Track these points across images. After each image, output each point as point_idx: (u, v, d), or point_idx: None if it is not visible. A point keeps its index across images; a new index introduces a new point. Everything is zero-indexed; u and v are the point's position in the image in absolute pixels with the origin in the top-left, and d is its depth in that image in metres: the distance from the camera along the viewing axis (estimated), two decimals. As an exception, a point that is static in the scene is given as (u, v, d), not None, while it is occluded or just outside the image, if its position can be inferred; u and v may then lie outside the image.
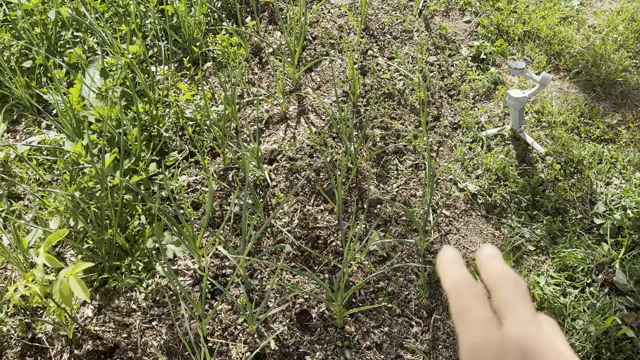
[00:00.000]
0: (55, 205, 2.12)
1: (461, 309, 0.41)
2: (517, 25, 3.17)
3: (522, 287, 0.41)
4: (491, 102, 2.80)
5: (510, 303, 0.40)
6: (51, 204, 2.11)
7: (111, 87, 2.34)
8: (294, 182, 2.39)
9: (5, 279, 2.01)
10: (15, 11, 2.74)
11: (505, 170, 2.43)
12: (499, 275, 0.42)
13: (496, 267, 0.43)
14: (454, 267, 0.44)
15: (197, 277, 2.09)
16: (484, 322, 0.39)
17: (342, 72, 2.93)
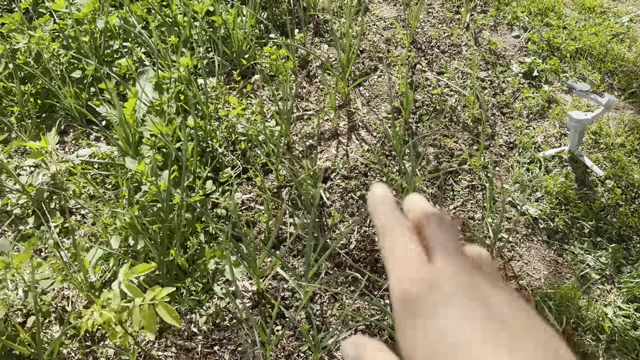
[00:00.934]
0: (110, 221, 2.08)
1: (390, 246, 0.39)
2: (568, 42, 3.11)
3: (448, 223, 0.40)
4: (546, 121, 2.74)
5: (437, 238, 0.39)
6: (108, 220, 2.07)
7: (166, 102, 2.30)
8: (349, 202, 2.34)
9: (63, 298, 1.97)
10: (64, 20, 2.71)
11: (566, 194, 2.37)
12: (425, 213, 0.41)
13: (422, 207, 0.42)
14: (384, 206, 0.42)
15: (256, 299, 2.04)
16: (413, 257, 0.37)
17: (391, 86, 2.87)
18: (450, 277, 0.34)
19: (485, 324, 0.31)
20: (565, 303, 2.02)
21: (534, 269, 2.19)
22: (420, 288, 0.35)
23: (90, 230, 2.18)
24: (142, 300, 1.45)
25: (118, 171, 2.28)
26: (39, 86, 2.65)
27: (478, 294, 0.33)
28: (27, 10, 2.95)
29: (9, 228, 2.23)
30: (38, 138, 2.55)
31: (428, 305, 0.33)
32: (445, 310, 0.32)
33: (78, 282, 1.83)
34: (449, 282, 0.34)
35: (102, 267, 2.03)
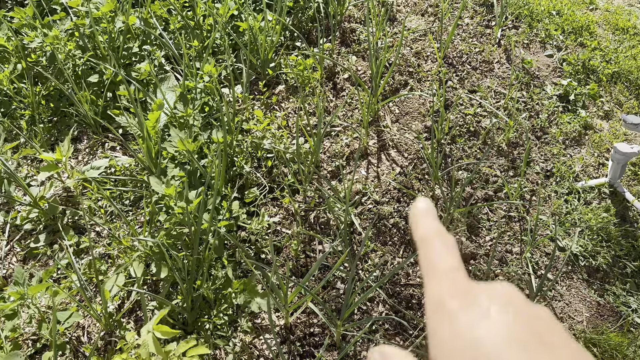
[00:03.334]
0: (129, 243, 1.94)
1: (429, 259, 0.40)
2: (603, 65, 2.99)
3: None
4: (583, 148, 2.62)
5: None
6: (127, 243, 1.92)
7: (191, 115, 2.15)
8: (381, 229, 2.21)
9: (78, 327, 1.82)
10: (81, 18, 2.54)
11: (608, 230, 2.25)
12: None
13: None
14: (425, 218, 0.43)
15: (283, 334, 1.91)
16: (452, 270, 0.38)
17: (421, 104, 2.74)
18: (488, 292, 0.36)
19: (520, 337, 0.32)
20: (612, 351, 1.91)
21: (575, 311, 2.07)
22: (457, 300, 0.35)
23: (106, 250, 2.03)
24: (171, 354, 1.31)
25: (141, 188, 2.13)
26: (51, 88, 2.48)
27: (514, 309, 0.34)
28: (39, 4, 2.78)
29: (19, 244, 2.07)
30: (50, 144, 2.39)
31: (464, 317, 0.34)
32: (481, 324, 0.33)
33: (97, 314, 1.68)
34: (486, 296, 0.35)
35: (121, 293, 1.89)
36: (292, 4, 3.02)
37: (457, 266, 0.39)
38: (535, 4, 3.37)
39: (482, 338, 0.32)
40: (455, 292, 0.36)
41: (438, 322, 0.35)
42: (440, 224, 0.43)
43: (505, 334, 0.32)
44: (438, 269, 0.39)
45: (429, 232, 0.42)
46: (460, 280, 0.38)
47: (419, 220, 0.43)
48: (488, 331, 0.33)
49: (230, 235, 1.77)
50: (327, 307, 1.84)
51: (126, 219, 1.84)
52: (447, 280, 0.38)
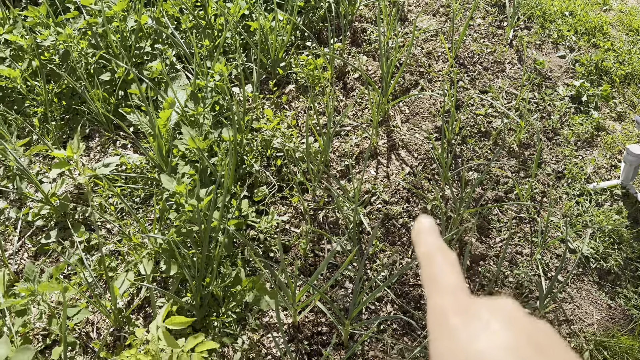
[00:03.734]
0: (139, 240, 1.95)
1: (431, 274, 0.41)
2: (617, 66, 2.96)
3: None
4: (595, 150, 2.60)
5: None
6: (137, 240, 1.93)
7: (202, 113, 2.16)
8: (390, 229, 2.20)
9: (87, 323, 1.83)
10: (94, 17, 2.56)
11: (619, 232, 2.23)
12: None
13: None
14: (428, 235, 0.45)
15: (291, 333, 1.91)
16: (454, 286, 0.39)
17: (432, 104, 2.73)
18: (489, 307, 0.36)
19: (520, 350, 0.32)
20: (622, 354, 1.89)
21: (585, 313, 2.05)
22: (460, 316, 0.36)
23: (116, 247, 2.04)
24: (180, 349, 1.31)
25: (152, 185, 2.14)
26: (64, 86, 2.50)
27: (515, 323, 0.35)
28: (52, 3, 2.80)
29: (30, 241, 2.09)
30: (62, 141, 2.41)
31: (465, 332, 0.35)
32: (482, 337, 0.34)
33: (106, 310, 1.70)
34: (487, 311, 0.36)
35: (131, 290, 1.90)
36: (303, 4, 3.02)
37: (459, 283, 0.40)
38: (548, 5, 3.34)
39: (482, 351, 0.33)
40: (457, 308, 0.37)
41: (440, 335, 0.36)
42: (442, 241, 0.44)
43: (505, 346, 0.33)
44: (440, 286, 0.40)
45: (432, 249, 0.43)
46: (462, 296, 0.39)
47: (422, 237, 0.45)
48: (488, 344, 0.33)
49: (239, 234, 1.77)
50: (335, 306, 1.84)
51: (136, 216, 1.85)
52: (449, 296, 0.39)
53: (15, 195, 2.23)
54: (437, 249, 0.43)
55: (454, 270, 0.41)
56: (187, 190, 1.80)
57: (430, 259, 0.43)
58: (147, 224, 2.08)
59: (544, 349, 0.33)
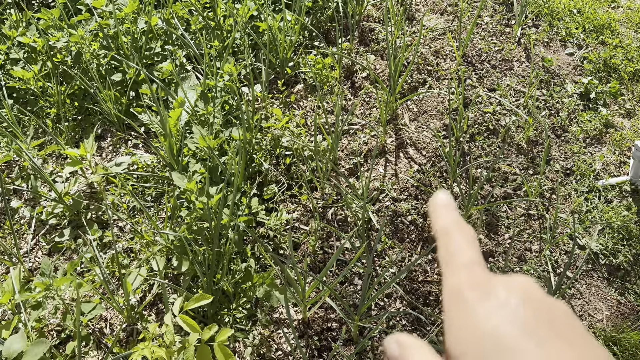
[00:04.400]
0: (151, 238, 1.98)
1: (449, 251, 0.40)
2: (625, 62, 2.95)
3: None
4: (604, 147, 2.59)
5: None
6: (149, 237, 1.96)
7: (212, 113, 2.18)
8: (399, 226, 2.22)
9: (101, 319, 1.86)
10: (105, 19, 2.60)
11: (629, 228, 2.23)
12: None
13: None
14: (445, 210, 0.44)
15: (301, 329, 1.93)
16: (472, 263, 0.38)
17: (440, 102, 2.74)
18: (506, 284, 0.36)
19: (537, 329, 0.32)
20: (633, 349, 1.89)
21: (595, 309, 2.06)
22: (475, 291, 0.36)
23: (128, 244, 2.08)
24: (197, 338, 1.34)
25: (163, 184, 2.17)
26: (76, 87, 2.55)
27: (532, 301, 0.34)
28: (64, 5, 2.85)
29: (44, 239, 2.13)
30: (74, 142, 2.45)
31: (482, 307, 0.34)
32: (499, 314, 0.33)
33: (119, 306, 1.72)
34: (504, 288, 0.35)
35: (143, 287, 1.93)
36: (311, 4, 3.04)
37: (476, 258, 0.39)
38: (556, 3, 3.34)
39: (499, 327, 0.33)
40: (473, 283, 0.37)
41: (456, 311, 0.36)
42: (460, 216, 0.43)
43: (522, 324, 0.32)
44: (457, 261, 0.39)
45: (449, 224, 0.42)
46: (479, 272, 0.38)
47: (439, 212, 0.44)
48: (505, 321, 0.33)
49: (249, 230, 1.79)
50: (345, 302, 1.86)
51: (148, 214, 1.88)
52: (465, 272, 0.38)
53: (29, 194, 2.27)
54: (454, 224, 0.42)
55: (470, 246, 0.40)
56: (198, 188, 1.82)
57: (447, 235, 0.41)
58: (159, 222, 2.11)
59: (560, 329, 0.33)
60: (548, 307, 0.34)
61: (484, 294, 0.35)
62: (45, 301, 1.62)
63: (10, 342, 1.45)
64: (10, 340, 1.47)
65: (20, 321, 1.69)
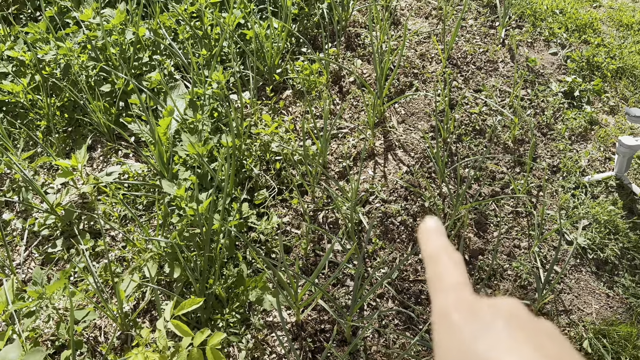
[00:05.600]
0: (143, 246, 1.99)
1: (436, 274, 0.42)
2: (608, 60, 3.01)
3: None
4: (589, 143, 2.63)
5: None
6: (141, 245, 1.98)
7: (201, 120, 2.21)
8: (389, 227, 2.24)
9: (95, 327, 1.87)
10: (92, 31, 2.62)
11: (615, 223, 2.26)
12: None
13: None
14: (434, 235, 0.46)
15: (295, 331, 1.94)
16: (459, 286, 0.40)
17: (427, 104, 2.77)
18: (492, 305, 0.37)
19: (522, 350, 0.33)
20: (621, 341, 1.92)
21: (584, 303, 2.08)
22: (463, 314, 0.37)
23: (121, 253, 2.09)
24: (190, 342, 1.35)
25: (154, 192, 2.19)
26: (66, 99, 2.56)
27: (519, 323, 0.35)
28: (52, 19, 2.87)
29: (37, 250, 2.14)
30: (65, 153, 2.47)
31: (468, 329, 0.35)
32: (485, 336, 0.34)
33: (113, 314, 1.74)
34: (490, 310, 0.36)
35: (136, 294, 1.94)
36: (297, 11, 3.08)
37: (463, 281, 0.41)
38: (538, 4, 3.40)
39: (485, 351, 0.33)
40: (460, 305, 0.38)
41: (444, 333, 0.37)
42: (448, 242, 0.45)
43: (507, 346, 0.33)
44: (444, 283, 0.41)
45: (438, 249, 0.44)
46: (465, 294, 0.39)
47: (429, 238, 0.46)
48: (491, 343, 0.34)
49: (241, 235, 1.81)
50: (337, 303, 1.88)
51: (139, 222, 1.90)
52: (453, 294, 0.39)
53: (21, 206, 2.28)
54: (442, 249, 0.44)
55: (457, 269, 0.42)
56: (188, 195, 1.84)
57: (435, 259, 0.43)
58: (151, 230, 2.12)
59: (546, 348, 0.33)
60: (533, 328, 0.35)
61: (471, 315, 0.37)
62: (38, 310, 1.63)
63: (6, 352, 1.46)
64: (5, 350, 1.47)
65: (14, 332, 1.70)
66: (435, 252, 0.44)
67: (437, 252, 0.44)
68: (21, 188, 2.25)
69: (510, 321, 0.35)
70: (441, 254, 0.44)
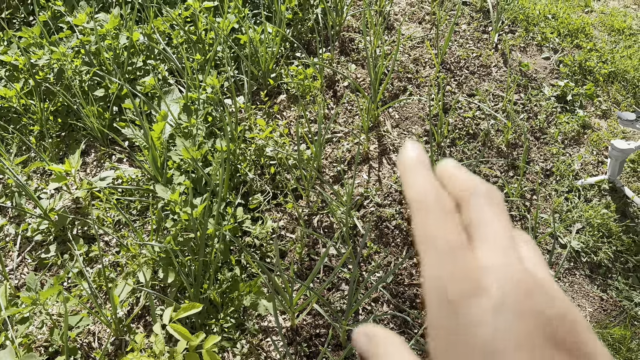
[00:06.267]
0: (137, 251, 1.98)
1: (427, 230, 0.31)
2: (600, 65, 3.03)
3: (498, 199, 0.33)
4: (582, 147, 2.65)
5: (484, 222, 0.31)
6: (135, 251, 1.97)
7: (195, 125, 2.21)
8: (384, 231, 2.25)
9: (89, 333, 1.86)
10: (86, 35, 2.62)
11: (608, 226, 2.28)
12: (468, 186, 0.34)
13: (463, 178, 0.34)
14: (419, 172, 0.34)
15: (290, 336, 1.94)
16: (454, 248, 0.30)
17: (420, 108, 2.78)
18: (500, 280, 0.28)
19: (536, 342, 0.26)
20: (616, 344, 1.93)
21: (578, 306, 2.09)
22: (463, 290, 0.29)
23: (115, 258, 2.08)
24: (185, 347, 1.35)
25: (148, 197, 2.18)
26: (59, 104, 2.55)
27: (531, 305, 0.28)
28: (45, 23, 2.86)
29: (30, 256, 2.12)
30: (58, 158, 2.46)
31: (472, 311, 0.28)
32: (492, 321, 0.27)
33: (107, 319, 1.73)
34: (498, 287, 0.28)
35: (130, 300, 1.93)
36: (292, 16, 3.09)
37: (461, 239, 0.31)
38: (531, 9, 3.42)
39: (488, 342, 0.27)
40: (458, 277, 0.29)
41: (438, 315, 0.29)
42: (435, 180, 0.34)
43: (517, 338, 0.27)
44: (436, 244, 0.31)
45: (424, 192, 0.33)
46: (466, 259, 0.30)
47: (410, 175, 0.35)
48: (495, 332, 0.27)
49: (235, 239, 1.81)
50: (332, 307, 1.88)
51: (133, 227, 1.89)
52: (449, 259, 0.30)
53: (14, 211, 2.26)
54: (429, 191, 0.33)
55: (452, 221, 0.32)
56: (182, 199, 1.84)
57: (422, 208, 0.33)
58: (145, 235, 2.12)
59: (566, 343, 0.27)
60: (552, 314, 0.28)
61: (473, 289, 0.29)
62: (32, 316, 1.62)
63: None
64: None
65: (7, 338, 1.68)
66: (421, 197, 0.33)
67: (423, 196, 0.33)
68: (14, 193, 2.24)
69: (524, 301, 0.28)
70: (429, 200, 0.32)
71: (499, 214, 0.32)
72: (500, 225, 0.31)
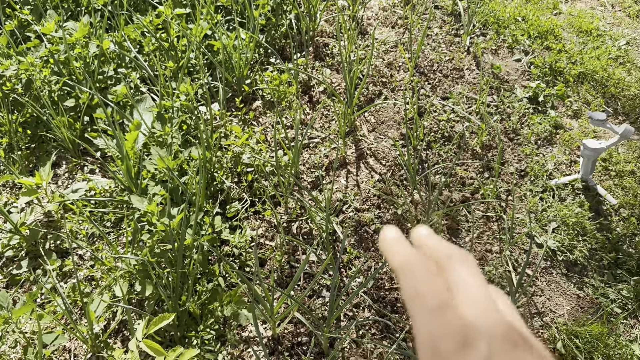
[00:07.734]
0: (112, 264, 1.94)
1: (415, 291, 0.36)
2: (570, 66, 3.09)
3: (472, 262, 0.38)
4: (555, 147, 2.69)
5: (464, 283, 0.36)
6: (110, 264, 1.92)
7: (170, 133, 2.17)
8: (363, 236, 2.24)
9: (64, 350, 1.81)
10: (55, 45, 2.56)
11: (583, 225, 2.31)
12: (445, 252, 0.39)
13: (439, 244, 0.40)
14: (400, 244, 0.40)
15: (272, 345, 1.92)
16: (443, 306, 0.35)
17: (396, 112, 2.80)
18: (486, 336, 0.32)
19: None
20: (593, 341, 1.96)
21: (556, 304, 2.12)
22: (454, 346, 0.32)
23: (89, 272, 2.03)
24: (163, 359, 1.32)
25: (122, 209, 2.14)
26: (28, 115, 2.49)
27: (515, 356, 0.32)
28: (12, 33, 2.79)
29: (1, 272, 2.06)
30: (28, 171, 2.39)
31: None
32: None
33: (83, 336, 1.68)
34: (484, 342, 0.32)
35: (107, 314, 1.89)
36: (265, 22, 3.07)
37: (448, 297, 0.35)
38: (501, 11, 3.47)
39: None
40: (449, 331, 0.33)
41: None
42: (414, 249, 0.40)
43: None
44: (428, 301, 0.35)
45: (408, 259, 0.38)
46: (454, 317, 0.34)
47: (393, 248, 0.40)
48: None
49: (213, 249, 1.78)
50: (314, 315, 1.86)
51: (108, 239, 1.85)
52: (439, 316, 0.34)
53: (-18, 227, 2.19)
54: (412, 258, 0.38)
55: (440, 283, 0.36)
56: (159, 210, 1.80)
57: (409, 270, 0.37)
58: (120, 247, 2.07)
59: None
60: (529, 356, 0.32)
61: (462, 345, 0.32)
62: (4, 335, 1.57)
63: (-32, 381, 1.40)
64: (-32, 379, 1.41)
65: (-22, 359, 1.63)
66: (406, 263, 0.38)
67: (408, 262, 0.38)
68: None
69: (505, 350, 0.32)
70: (414, 265, 0.37)
71: (475, 275, 0.37)
72: (477, 284, 0.36)
